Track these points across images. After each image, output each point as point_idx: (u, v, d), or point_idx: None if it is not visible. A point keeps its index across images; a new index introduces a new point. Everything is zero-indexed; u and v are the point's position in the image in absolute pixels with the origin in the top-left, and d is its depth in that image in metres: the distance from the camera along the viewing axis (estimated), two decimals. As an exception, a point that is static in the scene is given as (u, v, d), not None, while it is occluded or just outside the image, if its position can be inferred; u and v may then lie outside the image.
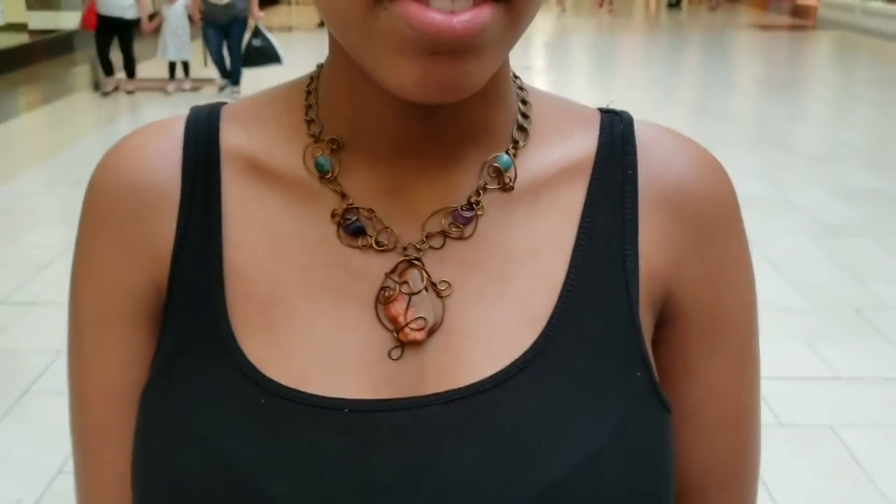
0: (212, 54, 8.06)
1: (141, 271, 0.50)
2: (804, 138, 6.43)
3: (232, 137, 0.52)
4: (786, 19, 14.81)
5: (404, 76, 0.41)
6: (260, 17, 7.89)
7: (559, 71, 9.83)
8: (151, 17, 8.26)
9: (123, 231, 0.50)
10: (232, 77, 8.02)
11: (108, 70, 8.07)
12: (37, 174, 5.48)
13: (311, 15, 11.80)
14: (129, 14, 7.92)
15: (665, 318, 0.52)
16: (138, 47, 8.24)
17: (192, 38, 8.30)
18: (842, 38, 12.25)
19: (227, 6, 7.67)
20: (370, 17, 0.40)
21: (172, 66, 8.30)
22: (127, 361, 0.51)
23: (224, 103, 0.55)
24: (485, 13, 0.39)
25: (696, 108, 7.72)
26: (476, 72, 0.41)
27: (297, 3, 16.73)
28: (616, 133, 0.53)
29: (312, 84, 0.52)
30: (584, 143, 0.52)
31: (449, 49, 0.39)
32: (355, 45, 0.43)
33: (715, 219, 0.52)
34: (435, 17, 0.38)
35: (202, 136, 0.52)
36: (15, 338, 3.20)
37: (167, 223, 0.50)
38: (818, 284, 3.66)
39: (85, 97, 7.92)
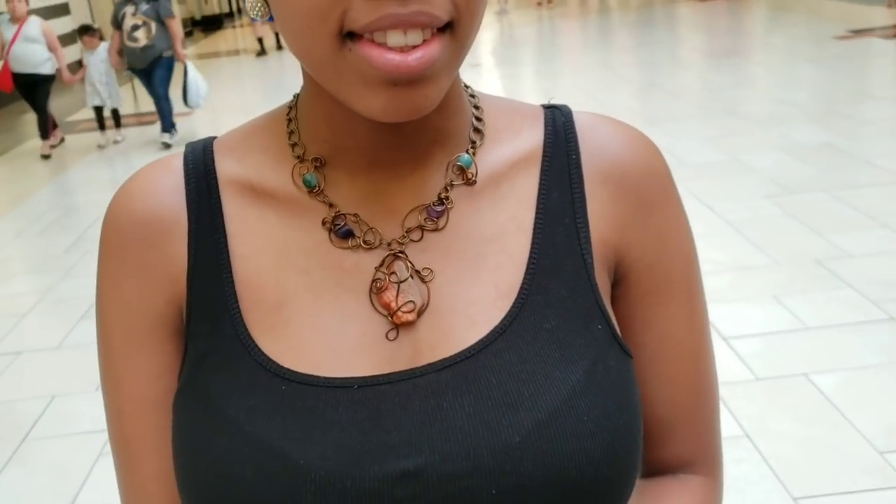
0: (157, 101, 7.33)
1: (161, 292, 0.58)
2: (752, 103, 6.59)
3: (227, 166, 0.60)
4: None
5: (372, 104, 0.49)
6: (185, 56, 7.30)
7: (508, 65, 9.95)
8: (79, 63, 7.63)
9: (142, 259, 0.58)
10: (163, 122, 7.31)
11: (44, 133, 7.44)
12: (3, 226, 5.48)
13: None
14: (46, 69, 7.27)
15: (619, 277, 0.60)
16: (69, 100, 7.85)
17: (121, 83, 7.81)
18: (779, 2, 12.50)
19: (145, 49, 7.06)
20: (338, 57, 0.48)
21: (99, 113, 7.64)
22: (156, 373, 0.58)
23: (214, 137, 0.62)
24: (434, 47, 0.48)
25: (645, 84, 7.87)
26: (432, 94, 0.49)
27: (243, 26, 16.61)
28: (559, 125, 0.61)
29: (292, 112, 0.60)
30: (532, 137, 0.61)
31: (407, 80, 0.48)
32: (328, 79, 0.51)
33: (651, 189, 0.60)
34: (393, 58, 0.47)
35: (200, 168, 0.59)
36: (6, 388, 3.23)
37: (180, 248, 0.58)
38: (779, 241, 3.79)
39: (38, 144, 7.86)
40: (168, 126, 7.31)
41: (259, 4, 0.54)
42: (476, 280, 0.56)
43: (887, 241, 3.66)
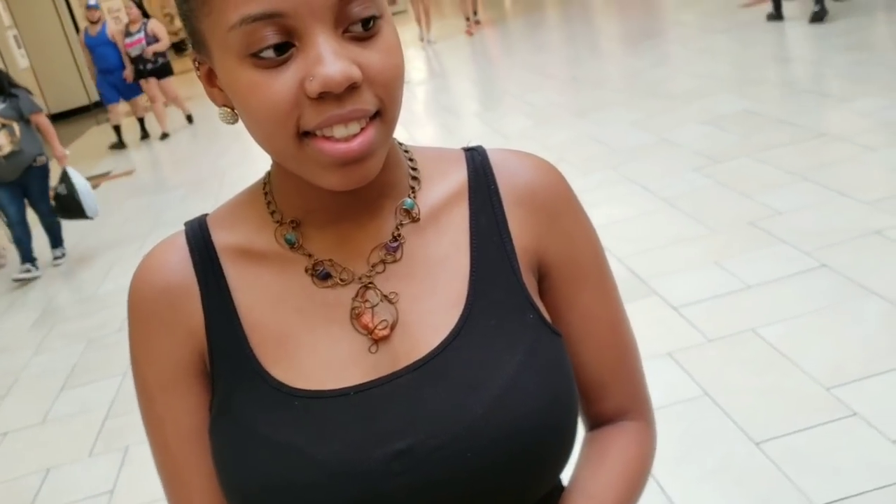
0: (10, 227, 5.60)
1: (186, 344, 0.73)
2: (671, 81, 6.86)
3: (221, 237, 0.75)
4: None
5: (330, 181, 0.65)
6: (66, 157, 5.77)
7: (439, 78, 10.14)
8: None
9: (167, 320, 0.73)
10: (51, 239, 5.90)
11: None
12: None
13: (188, 84, 11.78)
14: None
15: (542, 275, 0.77)
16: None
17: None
18: (683, -23, 12.91)
19: (10, 156, 5.37)
20: (298, 151, 0.64)
21: None
22: (192, 409, 0.73)
23: (206, 215, 0.78)
24: (369, 132, 0.64)
25: (569, 79, 8.11)
26: (374, 166, 0.66)
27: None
28: (477, 163, 0.78)
29: (267, 187, 0.75)
30: (458, 177, 0.77)
31: (354, 160, 0.64)
32: (292, 167, 0.67)
33: (556, 202, 0.77)
34: (340, 147, 0.63)
35: (200, 241, 0.75)
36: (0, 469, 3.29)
37: (195, 307, 0.73)
38: (713, 209, 4.01)
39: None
40: (57, 242, 5.94)
41: (228, 113, 0.69)
42: (432, 296, 0.72)
43: (811, 195, 3.89)
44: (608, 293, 0.80)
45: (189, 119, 10.57)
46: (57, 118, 11.64)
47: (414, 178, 0.76)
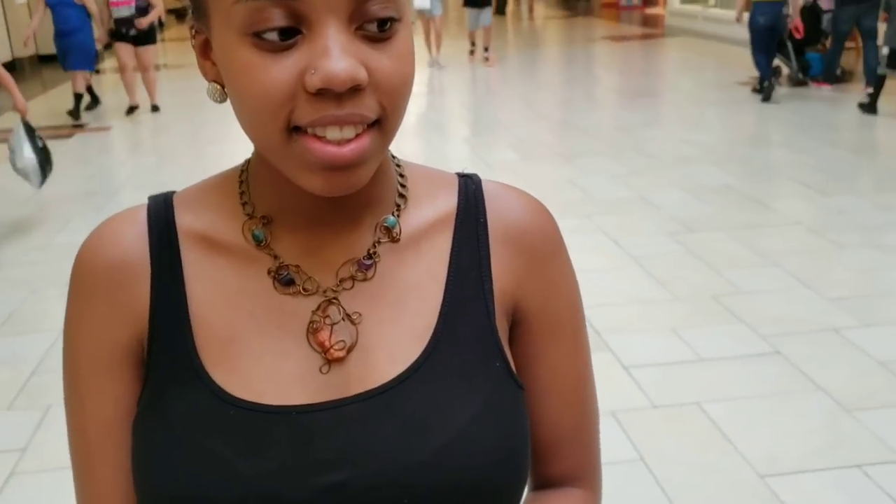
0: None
1: (126, 327, 0.67)
2: (660, 143, 6.92)
3: (185, 220, 0.69)
4: (637, 29, 15.72)
5: (313, 183, 0.60)
6: (27, 109, 5.21)
7: (436, 94, 10.14)
8: None
9: (109, 297, 0.67)
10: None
11: None
12: None
13: (182, 53, 11.66)
14: None
15: (516, 321, 0.73)
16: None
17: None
18: (688, 44, 13.13)
19: None
20: (285, 145, 0.59)
21: None
22: (118, 397, 0.68)
23: (173, 192, 0.72)
24: (364, 140, 0.59)
25: (561, 121, 8.16)
26: (362, 176, 0.61)
27: (164, 41, 16.12)
28: (470, 192, 0.73)
29: (243, 175, 0.70)
30: (448, 202, 0.73)
31: (342, 166, 0.59)
32: (275, 160, 0.61)
33: (544, 247, 0.73)
34: (331, 149, 0.58)
35: (162, 220, 0.69)
36: None
37: (143, 289, 0.67)
38: (679, 277, 4.02)
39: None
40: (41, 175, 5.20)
41: (217, 90, 0.64)
42: (398, 323, 0.68)
43: (776, 280, 3.93)
44: (579, 351, 0.76)
45: (155, 108, 9.19)
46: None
47: (401, 195, 0.72)
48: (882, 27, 7.42)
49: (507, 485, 0.65)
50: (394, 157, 0.73)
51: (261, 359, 0.66)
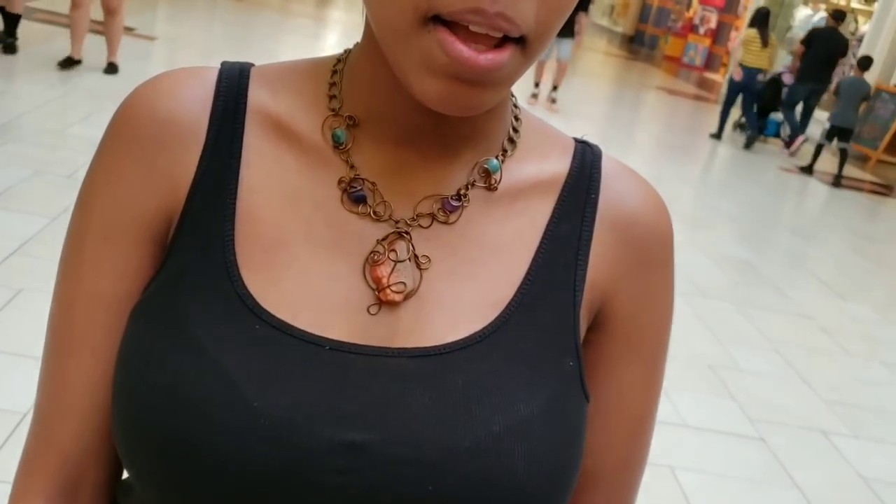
0: None
1: (157, 196, 0.56)
2: (689, 201, 6.82)
3: (259, 96, 0.59)
4: (692, 88, 15.60)
5: (429, 90, 0.49)
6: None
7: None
8: None
9: (148, 157, 0.56)
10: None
11: None
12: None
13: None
14: None
15: (597, 323, 0.62)
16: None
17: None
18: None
19: None
20: (415, 34, 0.48)
21: None
22: (123, 273, 0.57)
23: (252, 64, 0.62)
24: (504, 55, 0.48)
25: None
26: (489, 99, 0.50)
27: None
28: (586, 161, 0.63)
29: (339, 65, 0.60)
30: (558, 165, 0.62)
31: (470, 78, 0.48)
32: (395, 52, 0.50)
33: (653, 248, 0.62)
34: (464, 50, 0.47)
35: (233, 89, 0.58)
36: None
37: (190, 158, 0.56)
38: (681, 338, 3.91)
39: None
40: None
41: None
42: (468, 282, 0.57)
43: (776, 367, 3.83)
44: (654, 379, 0.65)
45: (111, 68, 6.29)
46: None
47: (511, 140, 0.61)
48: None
49: (550, 502, 0.55)
50: (513, 95, 0.62)
51: (305, 274, 0.55)
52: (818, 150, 8.77)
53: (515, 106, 0.62)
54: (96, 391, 0.57)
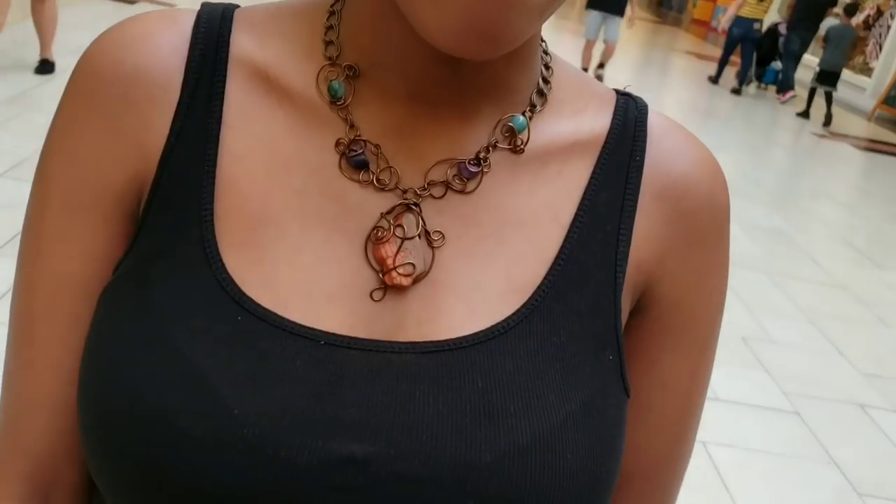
0: None
1: (125, 164, 0.48)
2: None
3: (244, 44, 0.50)
4: (719, 52, 15.25)
5: (445, 25, 0.39)
6: None
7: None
8: None
9: (113, 118, 0.48)
10: None
11: None
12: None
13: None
14: None
15: (640, 307, 0.53)
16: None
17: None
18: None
19: None
20: None
21: None
22: (90, 253, 0.49)
23: (237, 5, 0.52)
24: None
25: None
26: (511, 36, 0.40)
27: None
28: (630, 117, 0.53)
29: (337, 4, 0.50)
30: (597, 121, 0.52)
31: (487, 16, 0.39)
32: None
33: (707, 222, 0.53)
34: None
35: (213, 35, 0.49)
36: None
37: (162, 119, 0.48)
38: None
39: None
40: None
41: None
42: (490, 263, 0.48)
43: (811, 340, 3.71)
44: (702, 369, 0.56)
45: (44, 67, 5.04)
46: None
47: (541, 93, 0.51)
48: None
49: None
50: (543, 40, 0.53)
51: (296, 256, 0.46)
52: (811, 93, 9.43)
53: (546, 53, 0.53)
54: (66, 385, 0.49)
